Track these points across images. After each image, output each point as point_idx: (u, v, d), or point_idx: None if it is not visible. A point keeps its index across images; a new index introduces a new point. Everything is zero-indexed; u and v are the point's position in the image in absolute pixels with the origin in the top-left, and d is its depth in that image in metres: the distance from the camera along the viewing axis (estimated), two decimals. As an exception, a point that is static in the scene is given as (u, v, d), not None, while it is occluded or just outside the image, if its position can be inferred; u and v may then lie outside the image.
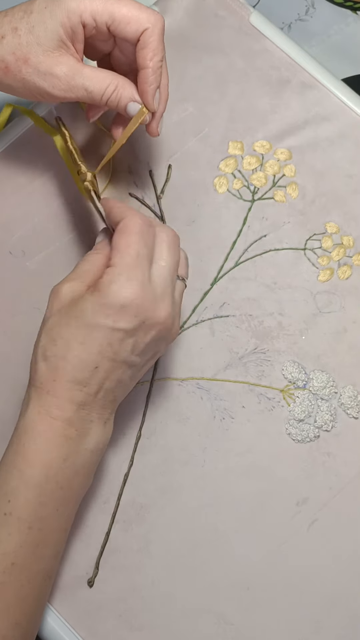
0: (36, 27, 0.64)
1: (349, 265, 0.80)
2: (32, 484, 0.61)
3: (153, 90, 0.69)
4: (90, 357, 0.61)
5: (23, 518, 0.61)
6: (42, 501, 0.62)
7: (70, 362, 0.61)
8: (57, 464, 0.62)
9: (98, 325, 0.61)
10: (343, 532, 0.74)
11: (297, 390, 0.77)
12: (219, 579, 0.73)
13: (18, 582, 0.61)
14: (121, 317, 0.61)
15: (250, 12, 0.87)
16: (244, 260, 0.80)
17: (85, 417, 0.63)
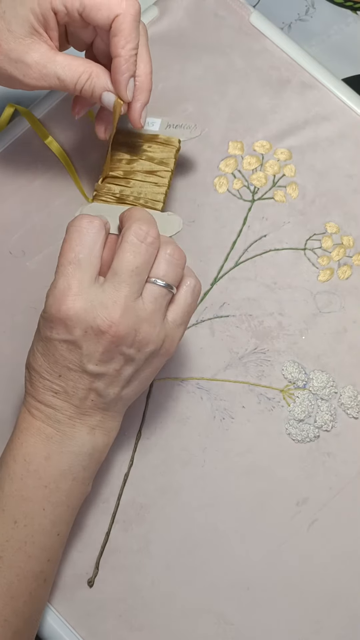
0: (7, 13, 0.62)
1: (349, 265, 0.80)
2: (15, 478, 0.63)
3: (125, 80, 0.66)
4: (51, 366, 0.63)
5: (7, 511, 0.62)
6: (24, 495, 0.63)
7: (38, 370, 0.63)
8: (37, 460, 0.63)
9: (46, 338, 0.62)
10: (343, 532, 0.74)
11: (297, 390, 0.77)
12: (219, 579, 0.73)
13: (6, 579, 0.61)
14: (58, 328, 0.61)
15: (251, 12, 0.88)
16: (244, 260, 0.80)
17: (66, 421, 0.64)
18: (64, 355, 0.62)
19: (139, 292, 0.62)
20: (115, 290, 0.61)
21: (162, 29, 0.87)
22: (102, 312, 0.60)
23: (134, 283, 0.61)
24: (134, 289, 0.61)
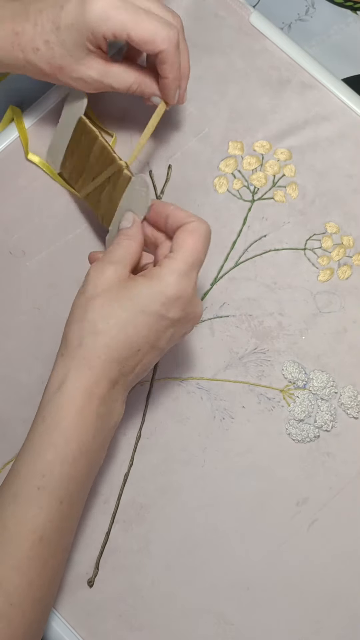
0: (66, 41, 0.70)
1: (349, 265, 0.80)
2: (67, 459, 0.63)
3: (173, 93, 0.75)
4: (138, 339, 0.64)
5: (55, 493, 0.62)
6: (73, 476, 0.63)
7: (120, 341, 0.64)
8: (89, 440, 0.64)
9: (152, 312, 0.64)
10: (343, 532, 0.75)
11: (297, 390, 0.77)
12: (219, 579, 0.73)
13: (43, 557, 0.62)
14: (172, 307, 0.65)
15: (251, 12, 0.87)
16: (244, 260, 0.80)
17: (113, 396, 0.65)
18: (157, 331, 0.65)
19: None
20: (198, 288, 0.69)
21: (162, 29, 0.87)
22: (199, 303, 0.68)
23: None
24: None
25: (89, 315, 0.64)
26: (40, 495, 0.62)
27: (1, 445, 0.76)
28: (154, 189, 0.82)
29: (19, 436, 0.69)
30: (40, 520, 0.62)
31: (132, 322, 0.64)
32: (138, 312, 0.64)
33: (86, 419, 0.63)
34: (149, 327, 0.64)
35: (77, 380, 0.63)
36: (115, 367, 0.64)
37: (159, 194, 0.82)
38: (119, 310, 0.64)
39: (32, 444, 0.64)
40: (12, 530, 0.61)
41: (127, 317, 0.64)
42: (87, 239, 0.81)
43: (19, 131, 0.83)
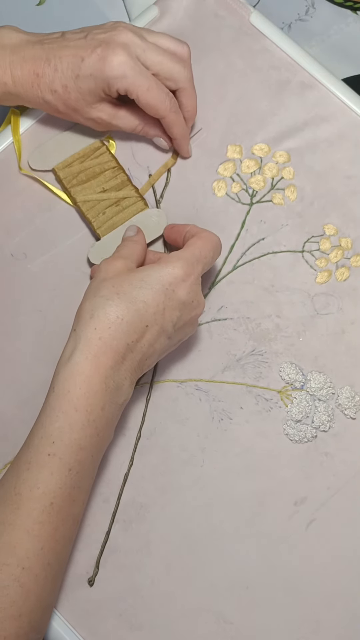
0: (83, 88, 0.76)
1: (346, 267, 0.80)
2: (76, 427, 0.65)
3: (186, 148, 0.83)
4: (147, 315, 0.68)
5: (64, 460, 0.64)
6: (82, 445, 0.65)
7: (129, 314, 0.67)
8: (97, 410, 0.66)
9: (160, 289, 0.69)
10: (341, 531, 0.75)
11: (295, 391, 0.77)
12: (218, 579, 0.74)
13: (53, 524, 0.64)
14: (180, 287, 0.70)
15: (251, 12, 0.87)
16: (242, 263, 0.81)
17: (122, 372, 0.68)
18: (165, 310, 0.69)
19: None
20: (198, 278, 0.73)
21: (162, 29, 0.87)
22: (202, 295, 0.73)
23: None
24: None
25: (100, 292, 0.68)
26: (50, 461, 0.64)
27: (2, 445, 0.76)
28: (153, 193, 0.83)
29: (19, 437, 0.70)
30: (51, 486, 0.64)
31: (142, 298, 0.68)
32: (147, 289, 0.68)
33: (94, 388, 0.66)
34: (157, 304, 0.68)
35: (87, 349, 0.66)
36: (123, 340, 0.67)
37: (158, 198, 0.82)
38: (129, 287, 0.68)
39: (44, 413, 0.66)
40: (24, 495, 0.64)
41: (137, 293, 0.68)
42: (88, 242, 0.81)
43: (15, 143, 0.83)
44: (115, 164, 0.82)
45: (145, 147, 0.84)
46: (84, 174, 0.82)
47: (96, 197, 0.81)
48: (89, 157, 0.83)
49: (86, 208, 0.81)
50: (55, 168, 0.82)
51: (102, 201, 0.81)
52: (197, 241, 0.72)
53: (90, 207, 0.81)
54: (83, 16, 0.99)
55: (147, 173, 0.83)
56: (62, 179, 0.82)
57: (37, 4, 0.99)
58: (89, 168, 0.82)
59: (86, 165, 0.82)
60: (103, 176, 0.82)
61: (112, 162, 0.82)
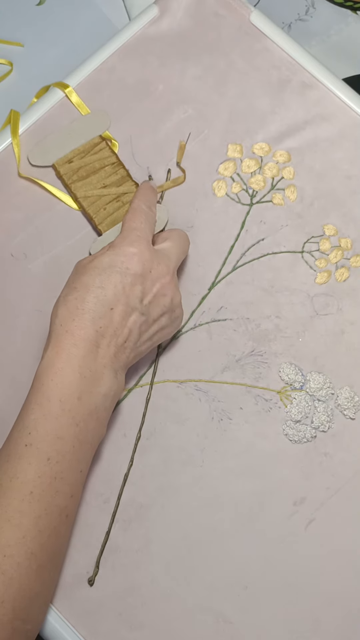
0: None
1: (346, 267, 0.80)
2: (50, 416, 0.66)
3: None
4: (107, 298, 0.69)
5: (42, 449, 0.65)
6: (59, 434, 0.66)
7: (89, 303, 0.69)
8: (72, 400, 0.67)
9: (112, 268, 0.70)
10: (340, 531, 0.75)
11: (294, 391, 0.77)
12: (217, 578, 0.74)
13: (35, 513, 0.64)
14: (130, 261, 0.71)
15: (251, 11, 0.87)
16: (242, 264, 0.81)
17: (98, 360, 0.68)
18: (124, 288, 0.70)
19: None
20: (168, 259, 0.75)
21: (162, 29, 0.87)
22: (161, 262, 0.73)
23: (176, 261, 0.77)
24: (175, 265, 0.77)
25: (62, 292, 0.71)
26: (27, 451, 0.65)
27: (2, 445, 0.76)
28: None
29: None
30: (30, 475, 0.64)
31: (98, 284, 0.69)
32: (100, 274, 0.70)
33: (67, 378, 0.67)
34: (114, 285, 0.69)
35: (57, 344, 0.68)
36: (91, 328, 0.68)
37: (157, 199, 0.82)
38: (84, 277, 0.70)
39: (22, 408, 0.68)
40: (3, 485, 0.64)
41: (92, 281, 0.69)
42: (88, 243, 0.81)
43: (14, 146, 0.83)
44: (115, 159, 0.83)
45: (145, 148, 0.84)
46: (84, 169, 0.82)
47: (97, 193, 0.82)
48: (89, 153, 0.83)
49: (87, 204, 0.81)
50: (55, 164, 0.82)
51: (103, 197, 0.81)
52: (126, 217, 0.75)
53: (91, 202, 0.81)
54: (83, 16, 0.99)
55: (146, 174, 0.83)
56: (63, 174, 0.82)
57: (37, 4, 0.99)
58: (89, 164, 0.83)
59: (86, 161, 0.83)
60: (103, 171, 0.82)
61: (112, 157, 0.83)
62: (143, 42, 0.87)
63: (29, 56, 0.98)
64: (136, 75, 0.86)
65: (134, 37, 0.87)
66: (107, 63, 0.86)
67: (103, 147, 0.83)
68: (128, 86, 0.85)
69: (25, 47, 0.98)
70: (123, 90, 0.85)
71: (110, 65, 0.86)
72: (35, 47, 0.98)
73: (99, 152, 0.83)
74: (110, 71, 0.86)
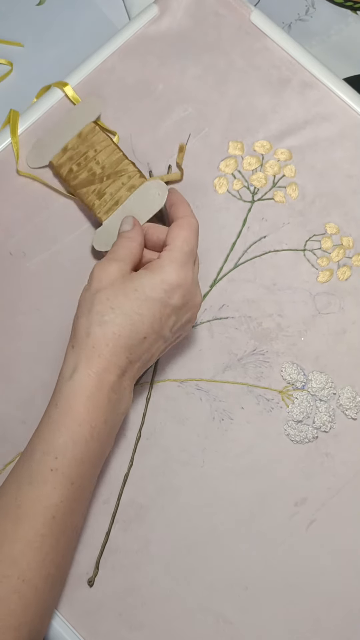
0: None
1: (348, 266, 0.80)
2: (79, 442, 0.65)
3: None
4: (143, 327, 0.68)
5: (67, 474, 0.65)
6: (84, 458, 0.66)
7: (126, 329, 0.67)
8: (100, 425, 0.67)
9: (155, 299, 0.68)
10: (341, 532, 0.75)
11: (296, 391, 0.77)
12: (218, 579, 0.73)
13: (55, 535, 0.64)
14: (174, 294, 0.69)
15: (251, 11, 0.87)
16: (244, 261, 0.80)
17: (123, 384, 0.68)
18: (161, 318, 0.69)
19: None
20: (198, 280, 0.75)
21: (162, 28, 0.87)
22: (198, 292, 0.73)
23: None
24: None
25: (95, 308, 0.68)
26: (54, 476, 0.64)
27: (1, 446, 0.76)
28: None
29: (19, 437, 0.70)
30: (54, 500, 0.64)
31: (137, 311, 0.67)
32: (142, 301, 0.68)
33: (98, 403, 0.66)
34: (153, 315, 0.68)
35: (88, 367, 0.66)
36: (123, 355, 0.67)
37: (158, 195, 0.82)
38: (123, 299, 0.68)
39: (46, 428, 0.66)
40: (26, 508, 0.64)
41: (131, 306, 0.67)
42: (87, 240, 0.81)
43: (13, 144, 0.83)
44: (110, 142, 0.81)
45: (145, 146, 0.83)
46: (80, 158, 0.81)
47: (94, 180, 0.80)
48: (84, 141, 0.81)
49: (84, 193, 0.80)
50: (52, 161, 0.82)
51: (100, 183, 0.80)
52: (181, 232, 0.72)
53: (89, 192, 0.80)
54: (83, 16, 0.99)
55: (147, 169, 0.82)
56: (58, 167, 0.81)
57: (37, 4, 0.99)
58: (85, 152, 0.81)
59: (82, 150, 0.81)
60: (99, 156, 0.80)
61: (106, 140, 0.81)
62: (143, 42, 0.87)
63: (29, 56, 0.97)
64: (136, 75, 0.86)
65: (134, 37, 0.87)
66: (107, 63, 0.86)
67: (97, 132, 0.81)
68: (128, 86, 0.85)
69: (25, 47, 0.98)
70: (123, 90, 0.85)
71: (110, 65, 0.86)
72: (35, 47, 0.98)
73: (93, 138, 0.81)
74: (110, 71, 0.86)
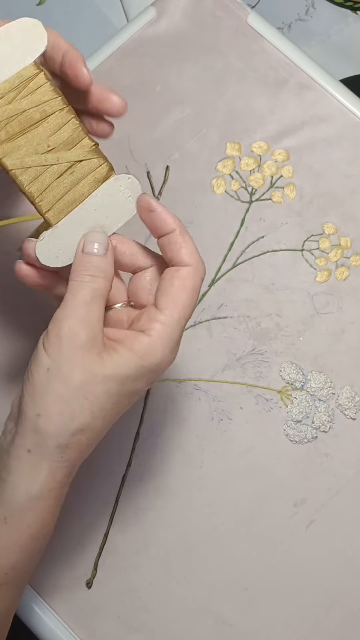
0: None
1: (346, 266, 0.80)
2: (33, 555, 0.57)
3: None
4: (112, 419, 0.56)
5: (16, 584, 0.57)
6: (33, 565, 0.58)
7: (96, 433, 0.56)
8: (51, 531, 0.58)
9: (139, 391, 0.56)
10: (341, 532, 0.75)
11: (295, 391, 0.77)
12: (217, 580, 0.73)
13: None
14: (157, 375, 0.57)
15: (248, 13, 0.87)
16: (242, 261, 0.80)
17: (70, 481, 0.58)
18: (129, 404, 0.57)
19: None
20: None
21: (160, 30, 0.87)
22: (172, 358, 0.58)
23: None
24: None
25: (64, 398, 0.54)
26: (2, 591, 0.57)
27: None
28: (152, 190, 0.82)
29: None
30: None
31: (117, 410, 0.56)
32: (125, 397, 0.55)
33: (51, 514, 0.56)
34: (125, 406, 0.56)
35: (52, 481, 0.55)
36: (78, 457, 0.56)
37: (156, 195, 0.82)
38: (104, 397, 0.54)
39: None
40: None
41: (112, 406, 0.55)
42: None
43: None
44: (62, 102, 0.57)
45: (143, 146, 0.83)
46: (16, 122, 0.56)
47: (39, 162, 0.57)
48: (22, 94, 0.56)
49: (25, 179, 0.56)
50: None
51: (48, 167, 0.57)
52: (181, 293, 0.56)
53: (32, 177, 0.56)
54: (83, 16, 0.99)
55: (144, 171, 0.83)
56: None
57: (37, 4, 1.00)
58: (23, 111, 0.56)
59: (18, 107, 0.56)
60: (46, 124, 0.56)
61: (56, 99, 0.57)
62: (141, 44, 0.87)
63: (28, 57, 0.98)
64: (134, 76, 0.86)
65: (131, 39, 0.87)
66: (104, 64, 0.86)
67: (42, 83, 0.57)
68: (126, 87, 0.85)
69: (25, 48, 0.98)
70: (121, 91, 0.84)
71: (108, 66, 0.86)
72: (34, 48, 0.98)
73: (35, 91, 0.56)
74: (108, 72, 0.86)
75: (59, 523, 0.72)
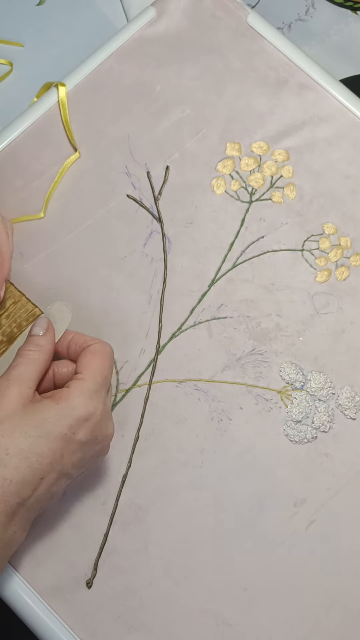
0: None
1: (346, 266, 0.80)
2: None
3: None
4: (41, 467, 0.61)
5: None
6: None
7: (20, 473, 0.60)
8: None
9: (58, 436, 0.62)
10: (341, 532, 0.75)
11: (295, 391, 0.77)
12: (217, 580, 0.73)
13: None
14: (81, 429, 0.64)
15: (248, 13, 0.87)
16: (242, 261, 0.80)
17: (10, 528, 0.62)
18: (64, 456, 0.63)
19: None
20: (111, 408, 0.70)
21: (160, 30, 0.87)
22: (109, 424, 0.68)
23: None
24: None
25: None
26: None
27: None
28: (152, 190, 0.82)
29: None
30: None
31: (36, 450, 0.61)
32: (43, 438, 0.61)
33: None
34: (54, 453, 0.62)
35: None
36: (13, 500, 0.60)
37: (156, 195, 0.82)
38: (20, 438, 0.61)
39: None
40: None
41: (29, 446, 0.61)
42: (85, 241, 0.81)
43: None
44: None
45: (143, 146, 0.83)
46: None
47: None
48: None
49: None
50: None
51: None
52: (94, 360, 0.67)
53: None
54: (83, 16, 0.99)
55: (145, 171, 0.82)
56: None
57: (37, 4, 1.00)
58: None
59: None
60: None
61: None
62: (141, 44, 0.87)
63: (29, 56, 0.98)
64: (134, 77, 0.86)
65: (131, 39, 0.87)
66: (104, 64, 0.86)
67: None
68: (126, 87, 0.85)
69: (25, 47, 0.98)
70: (121, 91, 0.85)
71: (108, 66, 0.86)
72: (35, 47, 0.98)
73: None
74: (108, 72, 0.86)
75: (59, 523, 0.73)
